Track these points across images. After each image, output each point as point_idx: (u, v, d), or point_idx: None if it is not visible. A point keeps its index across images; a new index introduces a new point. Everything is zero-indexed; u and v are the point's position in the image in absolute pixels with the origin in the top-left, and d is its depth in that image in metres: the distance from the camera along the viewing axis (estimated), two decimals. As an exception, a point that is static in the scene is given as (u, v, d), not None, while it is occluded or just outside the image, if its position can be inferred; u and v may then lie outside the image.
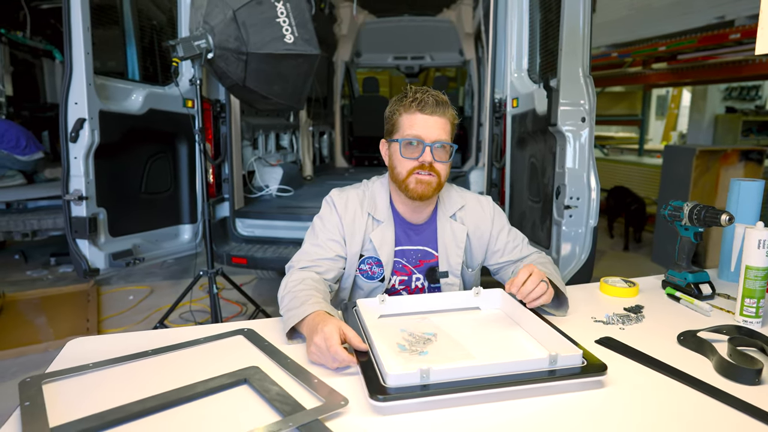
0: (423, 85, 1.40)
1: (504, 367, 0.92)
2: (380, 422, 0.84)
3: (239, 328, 1.17)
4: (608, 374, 0.96)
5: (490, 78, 2.85)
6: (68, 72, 2.19)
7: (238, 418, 0.83)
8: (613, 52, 5.65)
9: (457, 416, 0.86)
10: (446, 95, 1.36)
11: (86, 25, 2.20)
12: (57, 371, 0.98)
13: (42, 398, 0.87)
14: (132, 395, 0.88)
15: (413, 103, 1.30)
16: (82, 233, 2.24)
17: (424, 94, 1.31)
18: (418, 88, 1.34)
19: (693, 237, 1.36)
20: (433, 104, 1.30)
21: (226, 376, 0.94)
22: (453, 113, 1.35)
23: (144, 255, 2.56)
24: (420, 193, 1.32)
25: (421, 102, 1.30)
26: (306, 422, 0.80)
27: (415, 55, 6.23)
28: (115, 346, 1.10)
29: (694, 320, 1.22)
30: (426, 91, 1.32)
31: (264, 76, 2.57)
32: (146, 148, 2.66)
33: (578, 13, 2.00)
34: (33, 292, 3.77)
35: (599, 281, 1.44)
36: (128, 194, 2.56)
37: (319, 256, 1.35)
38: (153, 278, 4.16)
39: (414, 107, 1.30)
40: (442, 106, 1.31)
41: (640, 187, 5.52)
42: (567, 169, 2.07)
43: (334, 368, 0.98)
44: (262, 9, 2.42)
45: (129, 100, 2.52)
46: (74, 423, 0.80)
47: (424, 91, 1.32)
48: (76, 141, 2.22)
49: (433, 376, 0.88)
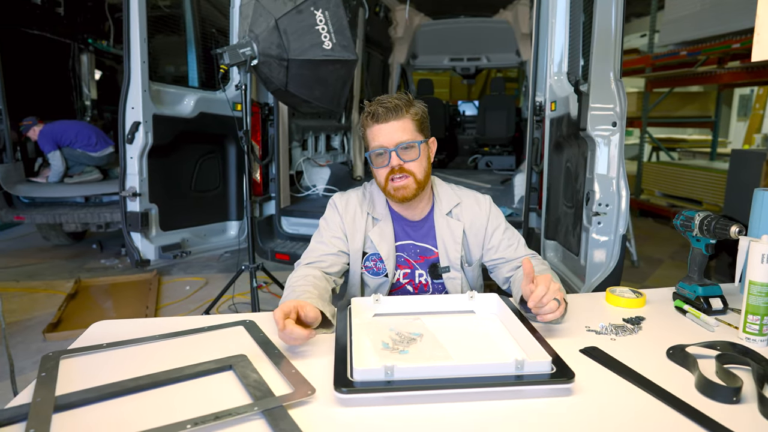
0: (483, 87, 1.47)
1: (470, 369, 0.95)
2: (343, 413, 0.89)
3: (242, 320, 1.26)
4: (580, 383, 0.96)
5: (532, 80, 2.81)
6: (126, 79, 2.40)
7: (214, 400, 0.91)
8: (682, 51, 5.34)
9: (420, 413, 0.89)
10: (408, 94, 1.42)
11: (143, 37, 2.40)
12: (76, 348, 1.11)
13: (56, 371, 1.00)
14: (132, 373, 0.99)
15: (368, 117, 1.40)
16: (135, 227, 2.46)
17: (375, 105, 1.39)
18: (374, 100, 1.41)
19: (704, 249, 1.30)
20: (384, 112, 1.37)
21: (214, 362, 1.03)
22: (416, 110, 1.41)
23: (191, 248, 2.75)
24: (401, 197, 1.40)
25: (374, 114, 1.38)
26: (270, 408, 0.87)
27: (471, 57, 6.20)
28: (132, 329, 1.22)
29: (694, 335, 1.18)
30: (379, 101, 1.39)
31: (304, 80, 2.69)
32: (197, 148, 2.86)
33: (610, 15, 1.94)
34: (104, 278, 4.13)
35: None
36: (179, 191, 2.76)
37: (323, 252, 1.44)
38: (209, 270, 4.42)
39: (370, 120, 1.40)
40: (394, 110, 1.37)
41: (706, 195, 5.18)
42: (596, 175, 2.02)
43: (290, 344, 1.07)
44: (302, 17, 2.54)
45: (181, 104, 2.72)
46: (76, 393, 0.92)
47: (377, 101, 1.40)
48: (132, 142, 2.43)
49: (398, 373, 0.93)
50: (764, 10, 0.91)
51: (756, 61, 0.98)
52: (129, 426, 0.83)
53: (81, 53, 5.77)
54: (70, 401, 0.89)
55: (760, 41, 0.93)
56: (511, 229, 1.53)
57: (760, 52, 0.95)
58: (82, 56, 5.81)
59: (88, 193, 4.46)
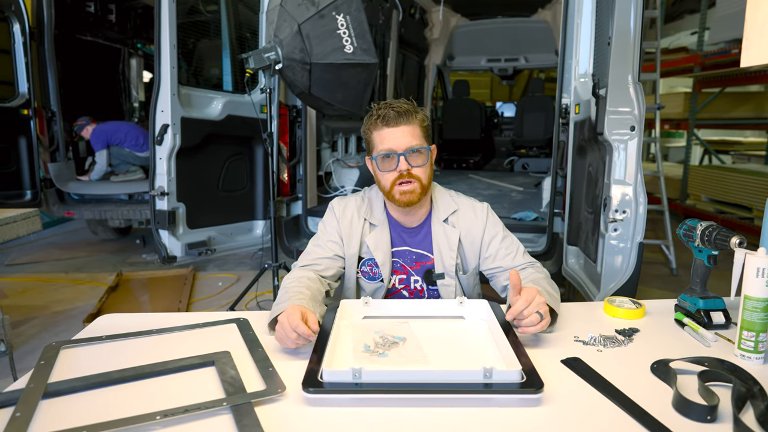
0: (524, 88, 1.47)
1: (438, 375, 0.95)
2: (310, 412, 0.92)
3: (236, 318, 1.31)
4: (553, 395, 0.95)
5: (558, 82, 2.76)
6: (157, 83, 2.52)
7: (192, 393, 0.96)
8: (734, 49, 5.06)
9: (387, 417, 0.90)
10: (413, 101, 1.41)
11: (173, 43, 2.52)
12: (78, 339, 1.19)
13: (54, 360, 1.08)
14: (125, 365, 1.05)
15: (377, 120, 1.39)
16: (162, 224, 2.58)
17: (385, 108, 1.38)
18: (381, 104, 1.41)
19: (707, 260, 1.25)
20: (395, 116, 1.37)
21: (198, 357, 1.08)
22: (422, 116, 1.41)
23: (216, 246, 2.85)
24: (407, 201, 1.40)
25: (384, 117, 1.37)
26: (238, 403, 0.90)
27: (509, 57, 6.11)
28: (135, 323, 1.30)
29: (688, 349, 1.13)
30: (387, 105, 1.39)
31: (327, 84, 2.74)
32: (224, 150, 2.96)
33: (629, 15, 1.88)
34: (143, 273, 4.33)
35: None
36: (206, 191, 2.87)
37: (318, 255, 1.47)
38: (242, 267, 4.56)
39: (379, 123, 1.39)
40: (405, 115, 1.37)
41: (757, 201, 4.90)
42: (613, 181, 1.96)
43: (293, 347, 1.09)
44: (324, 22, 2.58)
45: (210, 107, 2.83)
46: (66, 381, 0.98)
47: (385, 105, 1.40)
48: (161, 144, 2.55)
49: (365, 376, 0.94)
50: (753, 14, 0.87)
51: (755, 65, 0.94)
52: (108, 414, 0.88)
53: (130, 57, 6.07)
54: (59, 389, 0.96)
55: (749, 46, 0.89)
56: (510, 238, 1.51)
57: (748, 58, 0.90)
58: (131, 60, 6.10)
59: (131, 191, 4.68)
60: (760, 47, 0.83)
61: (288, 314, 1.09)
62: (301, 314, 1.11)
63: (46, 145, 4.52)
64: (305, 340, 1.08)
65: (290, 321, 1.07)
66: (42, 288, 4.07)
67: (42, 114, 4.46)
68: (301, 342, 1.09)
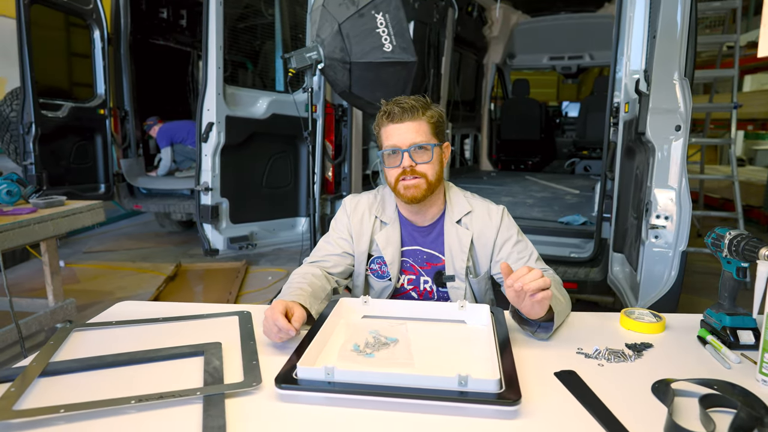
0: (591, 87, 1.42)
1: (411, 379, 0.92)
2: (281, 408, 0.92)
3: (239, 311, 1.34)
4: (533, 409, 0.90)
5: (610, 80, 2.61)
6: (204, 83, 2.63)
7: (175, 381, 0.99)
8: (830, 42, 4.56)
9: (357, 418, 0.89)
10: (426, 98, 1.38)
11: (219, 45, 2.62)
12: (90, 323, 1.26)
13: (63, 341, 1.15)
14: (125, 349, 1.11)
15: (384, 116, 1.38)
16: (206, 218, 2.69)
17: (393, 104, 1.36)
18: (391, 100, 1.38)
19: (735, 273, 1.13)
20: (400, 112, 1.35)
21: (189, 346, 1.11)
22: (432, 113, 1.36)
23: (258, 241, 2.94)
24: (410, 197, 1.38)
25: (389, 113, 1.36)
26: (210, 394, 0.92)
27: (573, 55, 5.86)
28: (148, 311, 1.36)
29: (704, 370, 1.03)
30: (396, 101, 1.37)
31: (367, 83, 2.75)
32: (269, 147, 3.04)
33: (675, 8, 1.74)
34: (200, 264, 4.54)
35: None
36: (250, 187, 2.97)
37: (328, 252, 1.47)
38: (293, 263, 4.67)
39: (385, 120, 1.38)
40: (410, 111, 1.34)
41: None
42: (655, 184, 1.83)
43: (278, 341, 1.11)
44: (364, 21, 2.59)
45: (255, 106, 2.92)
46: (65, 362, 1.05)
47: (394, 101, 1.38)
48: (207, 141, 2.66)
49: (337, 375, 0.93)
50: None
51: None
52: (93, 395, 0.93)
53: (199, 59, 6.39)
54: (58, 368, 1.02)
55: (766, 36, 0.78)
56: (524, 242, 1.44)
57: (766, 48, 0.80)
58: (200, 63, 6.43)
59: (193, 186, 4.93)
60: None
61: (271, 308, 1.11)
62: (284, 308, 1.11)
63: (119, 142, 4.87)
64: (287, 334, 1.09)
65: (272, 314, 1.09)
66: (110, 275, 4.38)
67: (116, 114, 4.81)
68: (284, 336, 1.10)
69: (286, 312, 1.13)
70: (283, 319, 1.08)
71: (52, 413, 0.86)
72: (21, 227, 2.43)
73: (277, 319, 1.08)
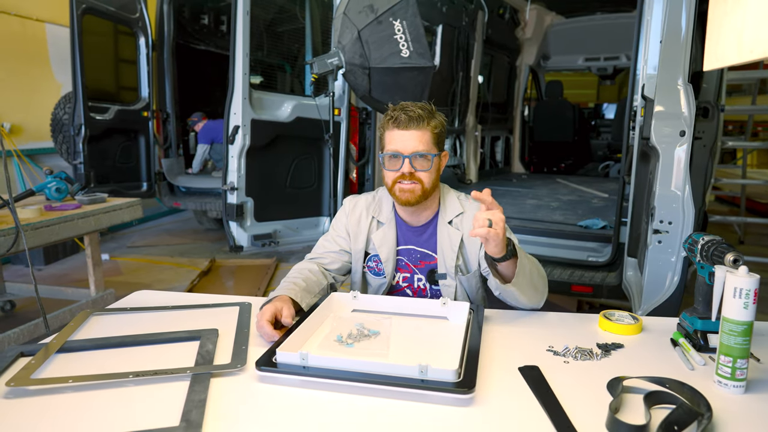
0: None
1: (377, 367, 1.00)
2: (260, 388, 1.01)
3: (240, 302, 1.45)
4: (488, 398, 0.96)
5: (630, 83, 2.60)
6: (231, 88, 2.78)
7: (171, 361, 1.11)
8: None
9: (329, 400, 0.97)
10: (431, 105, 1.43)
11: (245, 52, 2.76)
12: (109, 309, 1.40)
13: (83, 323, 1.29)
14: (133, 332, 1.24)
15: (390, 121, 1.43)
16: (231, 216, 2.84)
17: (400, 111, 1.41)
18: (398, 105, 1.43)
19: (707, 278, 1.15)
20: (407, 120, 1.39)
21: (188, 331, 1.23)
22: (436, 122, 1.42)
23: (281, 239, 3.08)
24: (405, 200, 1.44)
25: (396, 119, 1.40)
26: (198, 373, 1.03)
27: (609, 56, 5.75)
28: (163, 299, 1.49)
29: (667, 370, 1.06)
30: (403, 108, 1.41)
31: (386, 87, 2.83)
32: (293, 149, 3.18)
33: (680, 12, 1.74)
34: (233, 260, 4.75)
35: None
36: (274, 187, 3.11)
37: (326, 249, 1.57)
38: (321, 261, 4.81)
39: (391, 124, 1.42)
40: (416, 120, 1.39)
41: None
42: (658, 189, 1.83)
43: (267, 340, 1.19)
44: (382, 27, 2.68)
45: (280, 109, 3.06)
46: (79, 341, 1.18)
47: (401, 108, 1.42)
48: (233, 143, 2.81)
49: (311, 360, 1.02)
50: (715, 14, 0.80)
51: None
52: (99, 369, 1.05)
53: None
54: (73, 346, 1.16)
55: (711, 47, 0.81)
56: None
57: (711, 60, 0.82)
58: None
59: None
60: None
61: (261, 313, 1.20)
62: (273, 314, 1.21)
63: (160, 143, 5.15)
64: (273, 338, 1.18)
65: (259, 322, 1.19)
66: (150, 269, 4.64)
67: (159, 116, 5.09)
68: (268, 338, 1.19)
69: (276, 314, 1.22)
70: (269, 326, 1.18)
71: (62, 383, 0.98)
72: (66, 222, 2.64)
73: (262, 326, 1.18)
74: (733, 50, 0.76)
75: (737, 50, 0.75)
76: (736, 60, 0.76)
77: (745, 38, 0.73)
